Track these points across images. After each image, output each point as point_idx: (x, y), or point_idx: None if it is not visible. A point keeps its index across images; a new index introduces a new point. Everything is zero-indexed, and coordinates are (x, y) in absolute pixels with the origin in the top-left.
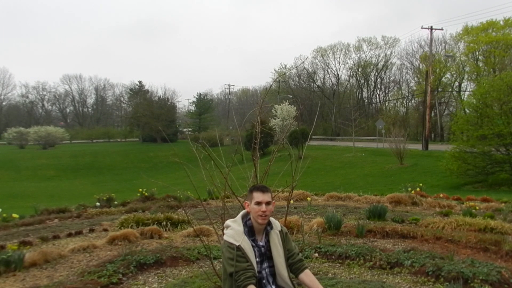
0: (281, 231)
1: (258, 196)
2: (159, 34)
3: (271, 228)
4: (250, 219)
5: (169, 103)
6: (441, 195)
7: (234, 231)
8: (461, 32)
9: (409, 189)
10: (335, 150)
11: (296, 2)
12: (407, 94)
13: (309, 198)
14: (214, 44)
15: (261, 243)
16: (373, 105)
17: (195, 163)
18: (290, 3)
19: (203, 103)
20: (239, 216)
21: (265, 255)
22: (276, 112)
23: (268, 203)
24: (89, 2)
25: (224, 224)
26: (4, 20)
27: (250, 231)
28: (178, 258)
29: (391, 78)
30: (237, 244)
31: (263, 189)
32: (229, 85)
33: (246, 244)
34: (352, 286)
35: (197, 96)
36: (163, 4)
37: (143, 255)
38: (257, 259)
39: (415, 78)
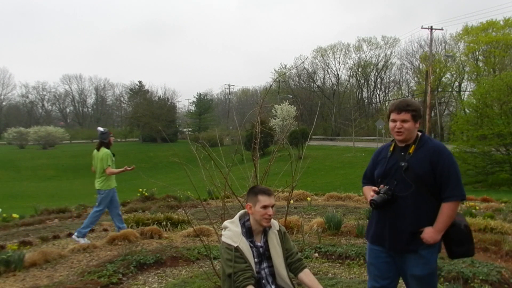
0: (279, 231)
1: (265, 199)
2: (160, 35)
3: (269, 228)
4: (248, 220)
5: (169, 103)
6: None
7: (232, 232)
8: (461, 32)
9: None
10: (335, 150)
11: (300, 4)
12: (407, 94)
13: (309, 198)
14: (215, 45)
15: (259, 244)
16: (373, 105)
17: (195, 163)
18: (294, 5)
19: (203, 103)
20: (236, 217)
21: (264, 255)
22: (276, 112)
23: (272, 206)
24: (90, 3)
25: (222, 225)
26: (4, 21)
27: (248, 232)
28: (178, 258)
29: (391, 78)
30: (235, 245)
31: (269, 192)
32: (229, 85)
33: (244, 245)
34: (352, 286)
35: (197, 96)
36: (165, 5)
37: (143, 255)
38: (255, 259)
39: (415, 78)
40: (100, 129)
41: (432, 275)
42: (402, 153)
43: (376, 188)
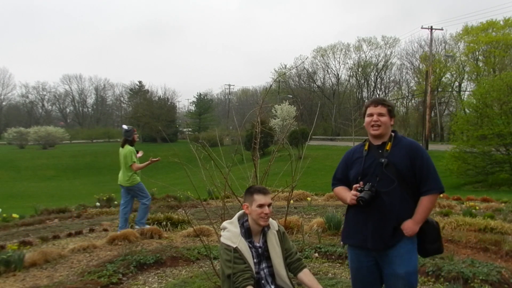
0: (278, 231)
1: (260, 198)
2: (160, 35)
3: (268, 228)
4: (247, 220)
5: (169, 103)
6: (441, 195)
7: (230, 233)
8: (461, 32)
9: None
10: (335, 150)
11: (300, 4)
12: (407, 94)
13: (309, 198)
14: (215, 45)
15: (258, 244)
16: None
17: (195, 163)
18: (294, 5)
19: (203, 103)
20: (235, 218)
21: (263, 256)
22: (276, 112)
23: (269, 205)
24: (90, 3)
25: (221, 226)
26: (4, 21)
27: (247, 233)
28: (178, 258)
29: (391, 78)
30: (234, 246)
31: (265, 191)
32: (229, 85)
33: (243, 246)
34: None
35: (197, 96)
36: (165, 5)
37: (143, 255)
38: (255, 260)
39: (415, 78)
40: (125, 127)
41: (415, 273)
42: (380, 151)
43: (358, 186)
